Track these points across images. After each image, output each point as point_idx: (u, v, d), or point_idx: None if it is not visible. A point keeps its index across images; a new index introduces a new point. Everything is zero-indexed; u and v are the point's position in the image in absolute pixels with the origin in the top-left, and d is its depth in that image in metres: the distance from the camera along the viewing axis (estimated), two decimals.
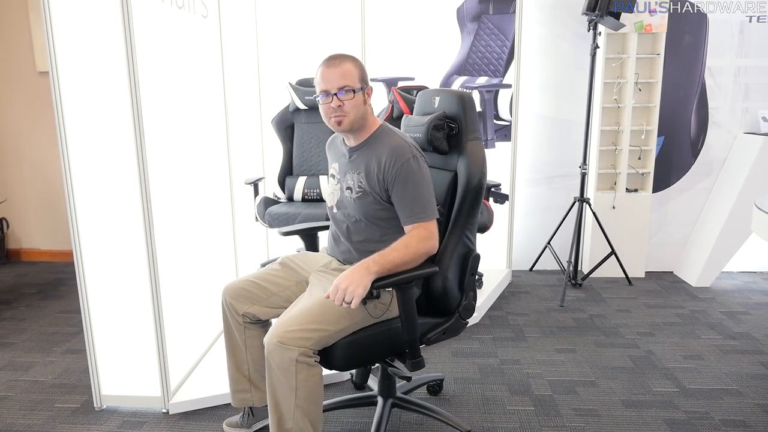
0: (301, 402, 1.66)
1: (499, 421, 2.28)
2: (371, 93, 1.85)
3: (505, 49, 3.88)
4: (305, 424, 1.69)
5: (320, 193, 3.34)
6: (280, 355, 1.62)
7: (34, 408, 2.39)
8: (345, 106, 1.76)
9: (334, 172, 1.97)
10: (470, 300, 1.90)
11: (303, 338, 1.63)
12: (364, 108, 1.82)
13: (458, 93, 1.88)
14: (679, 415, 2.32)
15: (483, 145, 1.87)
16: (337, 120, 1.78)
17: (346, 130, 1.82)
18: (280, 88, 3.57)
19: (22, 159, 4.35)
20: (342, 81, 1.76)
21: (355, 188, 1.84)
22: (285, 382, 1.64)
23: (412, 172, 1.73)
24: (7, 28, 4.14)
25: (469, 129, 1.86)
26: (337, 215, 1.93)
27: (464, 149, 1.86)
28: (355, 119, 1.79)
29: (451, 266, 1.84)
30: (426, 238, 1.73)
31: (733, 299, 3.60)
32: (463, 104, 1.86)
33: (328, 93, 1.77)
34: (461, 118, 1.87)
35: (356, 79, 1.79)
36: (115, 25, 2.01)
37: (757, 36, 3.83)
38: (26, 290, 3.82)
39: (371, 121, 1.86)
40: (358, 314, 1.73)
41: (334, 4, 3.68)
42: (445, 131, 1.89)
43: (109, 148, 2.18)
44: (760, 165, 3.68)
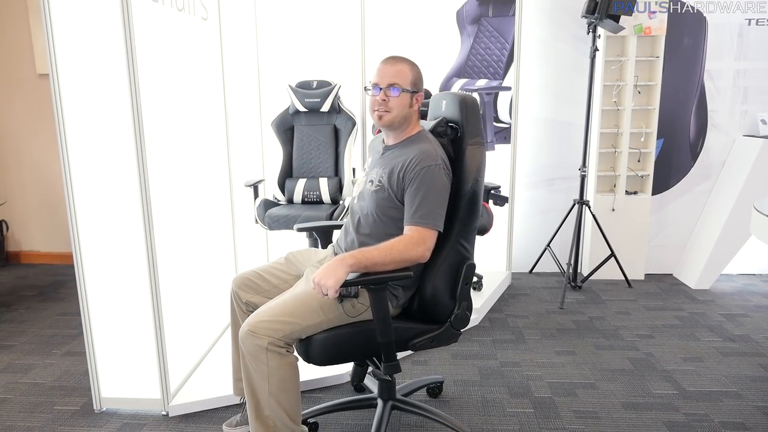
0: (275, 390, 1.69)
1: (498, 423, 2.28)
2: (421, 100, 1.88)
3: (504, 52, 3.89)
4: (281, 412, 1.71)
5: (320, 195, 3.35)
6: (250, 343, 1.67)
7: (33, 410, 2.39)
8: (390, 102, 1.82)
9: (366, 167, 2.03)
10: (464, 310, 1.84)
11: (273, 329, 1.67)
12: (409, 111, 1.85)
13: (460, 96, 1.87)
14: (679, 417, 2.32)
15: (483, 150, 1.84)
16: (379, 114, 1.83)
17: (386, 125, 1.86)
18: (279, 91, 3.58)
19: (22, 161, 4.35)
20: (393, 78, 1.82)
21: (375, 182, 1.87)
22: (257, 369, 1.68)
23: (429, 178, 1.74)
24: (7, 30, 4.14)
25: (469, 133, 1.83)
26: (355, 206, 1.97)
27: (464, 154, 1.84)
28: (396, 117, 1.83)
29: (440, 273, 1.81)
30: (416, 244, 1.71)
31: (732, 302, 3.61)
32: (464, 108, 1.85)
33: (378, 87, 1.83)
34: (462, 122, 1.85)
35: (408, 81, 1.83)
36: (116, 28, 2.01)
37: (756, 39, 3.84)
38: (26, 292, 3.82)
39: (412, 125, 1.90)
40: (332, 311, 1.75)
41: (334, 6, 3.69)
42: (449, 136, 1.88)
43: (109, 150, 2.18)
44: (759, 167, 3.69)
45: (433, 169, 1.75)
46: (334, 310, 1.75)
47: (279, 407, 1.71)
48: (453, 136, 1.87)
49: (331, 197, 3.34)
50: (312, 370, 2.55)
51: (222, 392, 2.41)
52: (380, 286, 1.67)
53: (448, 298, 1.83)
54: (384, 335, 1.73)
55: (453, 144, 1.88)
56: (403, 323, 1.82)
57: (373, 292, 1.68)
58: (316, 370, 2.55)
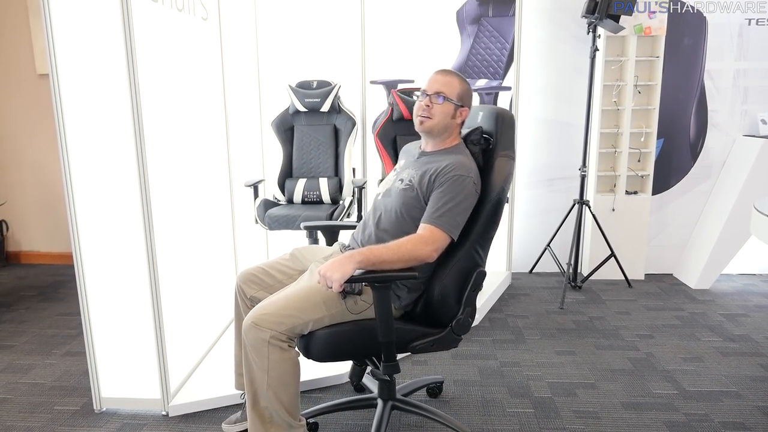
0: (273, 383, 1.70)
1: (498, 423, 2.28)
2: (465, 115, 1.93)
3: (504, 52, 3.89)
4: (278, 405, 1.72)
5: (320, 195, 3.35)
6: (253, 335, 1.68)
7: (33, 410, 2.39)
8: (433, 109, 1.88)
9: (398, 167, 2.06)
10: (467, 316, 1.84)
11: (276, 322, 1.68)
12: (451, 122, 1.90)
13: (498, 110, 1.91)
14: (679, 417, 2.32)
15: (512, 164, 1.87)
16: (420, 119, 1.89)
17: (425, 131, 1.91)
18: (279, 91, 3.58)
19: (22, 161, 4.35)
20: (441, 87, 1.88)
21: (406, 181, 1.90)
22: (258, 362, 1.69)
23: (458, 186, 1.77)
24: (7, 30, 4.14)
25: (501, 145, 1.87)
26: (379, 202, 1.98)
27: (493, 164, 1.87)
28: (437, 125, 1.89)
29: (450, 275, 1.81)
30: (425, 243, 1.72)
31: (732, 301, 3.61)
32: (500, 121, 1.89)
33: (426, 93, 1.90)
34: (496, 135, 1.89)
35: (455, 93, 1.89)
36: (115, 28, 2.01)
37: (756, 39, 3.84)
38: (26, 293, 3.82)
39: (452, 138, 1.94)
40: (335, 307, 1.76)
41: (334, 6, 3.69)
42: (481, 145, 1.92)
43: (109, 150, 2.18)
44: (759, 167, 3.69)
45: (465, 180, 1.78)
46: (336, 306, 1.76)
47: (276, 400, 1.71)
48: (485, 147, 1.92)
49: (331, 197, 3.34)
50: (312, 370, 2.56)
51: (222, 392, 2.41)
52: (385, 284, 1.68)
53: (453, 302, 1.83)
54: (385, 335, 1.73)
55: (484, 154, 1.92)
56: (405, 325, 1.83)
57: (378, 290, 1.68)
58: (316, 370, 2.56)
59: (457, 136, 1.96)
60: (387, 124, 3.38)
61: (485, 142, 1.92)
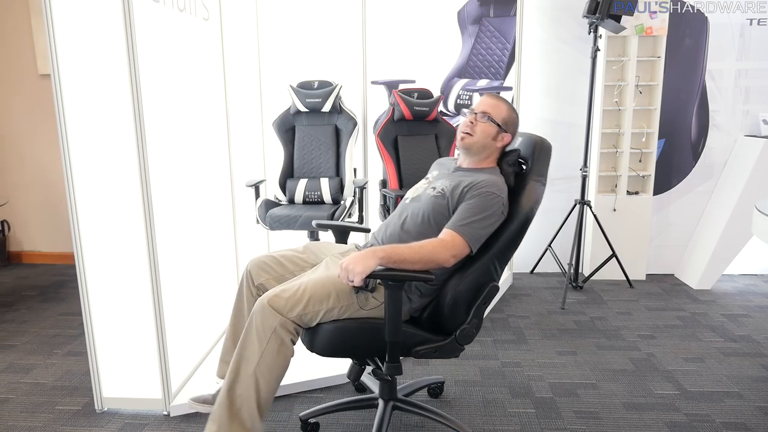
0: (261, 369, 1.70)
1: (500, 424, 2.28)
2: (506, 141, 1.98)
3: (506, 52, 3.89)
4: (253, 394, 1.71)
5: (321, 196, 3.35)
6: (263, 318, 1.69)
7: (35, 410, 2.39)
8: (476, 127, 1.95)
9: (430, 177, 2.10)
10: (472, 327, 1.86)
11: (288, 307, 1.70)
12: (490, 143, 1.96)
13: (536, 138, 1.96)
14: (680, 417, 2.32)
15: (542, 190, 1.91)
16: (462, 135, 1.97)
17: (465, 147, 1.98)
18: (281, 91, 3.58)
19: (24, 161, 4.36)
20: (487, 108, 1.96)
21: (438, 189, 1.94)
22: (256, 344, 1.69)
23: (488, 202, 1.81)
24: (8, 31, 4.15)
25: (534, 171, 1.92)
26: (407, 205, 2.02)
27: (524, 187, 1.91)
28: (476, 143, 1.95)
29: (464, 283, 1.83)
30: (445, 247, 1.75)
31: (733, 302, 3.60)
32: (537, 149, 1.93)
33: (472, 111, 1.98)
34: (532, 160, 1.94)
35: (500, 116, 1.95)
36: (117, 28, 2.02)
37: (758, 39, 3.84)
38: (27, 293, 3.83)
39: (489, 160, 2.00)
40: (346, 299, 1.77)
41: (335, 6, 3.69)
42: (515, 168, 1.97)
43: (110, 150, 2.18)
44: (760, 168, 3.68)
45: (495, 198, 1.82)
46: (347, 299, 1.78)
47: (254, 388, 1.70)
48: (518, 170, 1.97)
49: (332, 197, 3.34)
50: (313, 371, 2.56)
51: None
52: (400, 283, 1.70)
53: (463, 311, 1.85)
54: (392, 334, 1.74)
55: (516, 176, 1.97)
56: (410, 329, 1.84)
57: (391, 289, 1.70)
58: (317, 371, 2.56)
59: (494, 160, 2.01)
60: (388, 124, 3.38)
61: (519, 166, 1.97)
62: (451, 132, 3.50)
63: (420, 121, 3.43)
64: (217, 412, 1.73)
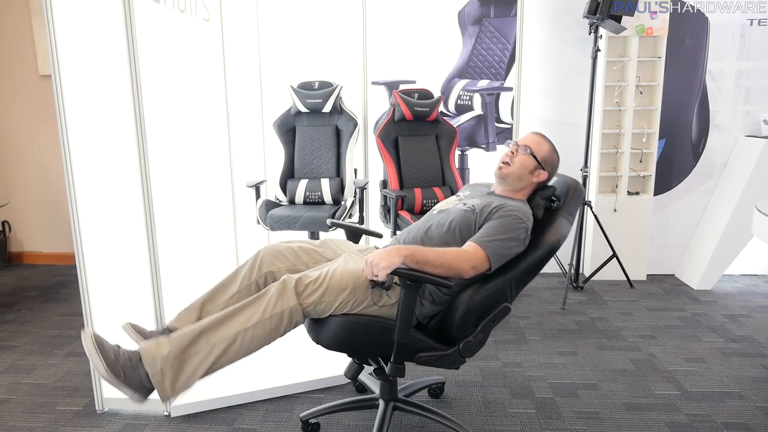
0: (243, 336, 1.68)
1: (500, 424, 2.28)
2: (542, 178, 2.04)
3: (506, 53, 3.89)
4: (219, 351, 1.67)
5: (321, 196, 3.35)
6: (280, 295, 1.71)
7: (35, 411, 2.39)
8: (515, 158, 2.02)
9: (461, 195, 2.16)
10: (477, 341, 1.86)
11: (307, 293, 1.73)
12: (527, 176, 2.02)
13: (571, 181, 2.04)
14: (681, 418, 2.32)
15: (570, 227, 1.97)
16: (500, 164, 2.05)
17: (501, 176, 2.04)
18: (281, 92, 3.58)
19: (25, 162, 4.36)
20: (530, 143, 2.04)
21: (469, 205, 1.99)
22: (259, 313, 1.69)
23: (513, 226, 1.86)
24: (9, 31, 4.15)
25: (565, 209, 1.99)
26: (435, 215, 2.05)
27: (553, 221, 1.97)
28: (513, 173, 2.02)
29: (479, 297, 1.84)
30: (467, 259, 1.77)
31: (734, 302, 3.60)
32: (571, 191, 2.01)
33: (516, 143, 2.06)
34: (564, 200, 2.01)
35: (541, 153, 2.03)
36: (118, 29, 2.02)
37: (758, 39, 3.84)
38: (28, 293, 3.83)
39: (521, 192, 2.05)
40: (361, 294, 1.79)
41: (335, 7, 3.70)
42: (547, 203, 2.03)
43: (111, 151, 2.18)
44: (761, 168, 3.68)
45: (521, 224, 1.87)
46: (363, 294, 1.79)
47: (224, 347, 1.67)
48: (549, 206, 2.03)
49: (332, 198, 3.34)
50: (314, 371, 2.56)
51: (224, 393, 2.41)
52: (418, 283, 1.71)
53: (472, 323, 1.85)
54: (402, 334, 1.75)
55: (546, 211, 2.02)
56: (417, 333, 1.85)
57: (408, 289, 1.71)
58: (317, 371, 2.56)
59: (526, 195, 2.05)
60: (389, 124, 3.39)
61: (551, 202, 2.03)
62: (452, 132, 3.50)
63: (420, 122, 3.43)
64: (174, 341, 1.66)
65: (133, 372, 1.62)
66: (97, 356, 1.60)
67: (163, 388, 1.64)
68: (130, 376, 1.62)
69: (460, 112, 3.99)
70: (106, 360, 1.60)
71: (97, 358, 1.60)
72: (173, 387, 1.65)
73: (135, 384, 1.62)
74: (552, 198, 2.03)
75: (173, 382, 1.65)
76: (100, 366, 1.59)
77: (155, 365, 1.63)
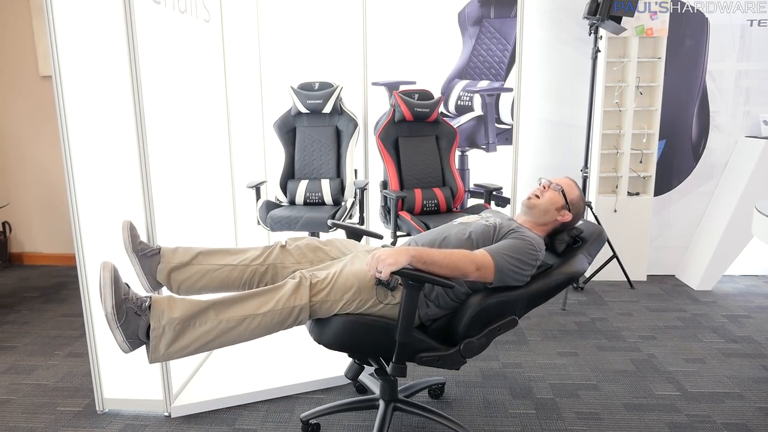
0: (249, 322, 1.70)
1: (500, 425, 2.28)
2: (565, 219, 2.08)
3: (506, 53, 3.90)
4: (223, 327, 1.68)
5: (321, 197, 3.35)
6: (295, 291, 1.73)
7: (36, 411, 2.39)
8: (544, 193, 2.08)
9: (483, 215, 2.20)
10: (479, 344, 1.87)
11: (315, 291, 1.75)
12: (552, 213, 2.06)
13: (597, 228, 2.13)
14: (681, 418, 2.32)
15: (587, 266, 2.02)
16: (530, 196, 2.10)
17: (529, 207, 2.09)
18: (281, 92, 3.59)
19: (25, 163, 4.37)
20: (562, 184, 2.10)
21: (490, 222, 2.04)
22: (271, 304, 1.72)
23: (526, 249, 1.88)
24: (10, 32, 4.16)
25: (586, 249, 2.06)
26: (455, 225, 2.09)
27: (575, 255, 2.04)
28: (540, 207, 2.06)
29: (492, 303, 1.85)
30: (473, 262, 1.78)
31: (734, 303, 3.60)
32: (595, 235, 2.10)
33: (549, 180, 2.13)
34: (587, 242, 2.09)
35: (571, 196, 2.09)
36: (118, 30, 2.02)
37: (758, 40, 3.84)
38: (28, 294, 3.83)
39: (542, 228, 2.09)
40: (366, 293, 1.80)
41: (336, 8, 3.70)
42: (571, 240, 2.09)
43: (112, 152, 2.19)
44: (761, 168, 3.68)
45: (533, 252, 1.88)
46: (368, 293, 1.80)
47: (230, 325, 1.68)
48: (571, 242, 2.09)
49: (333, 198, 3.34)
50: (314, 371, 2.56)
51: (225, 393, 2.41)
52: (420, 284, 1.72)
53: (479, 326, 1.86)
54: (404, 334, 1.76)
55: (566, 247, 2.08)
56: (419, 334, 1.85)
57: (410, 289, 1.71)
58: (318, 371, 2.56)
59: (546, 231, 2.09)
60: (389, 125, 3.39)
61: (575, 241, 2.10)
62: (452, 133, 3.50)
63: (421, 123, 3.43)
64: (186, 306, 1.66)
65: (135, 318, 1.62)
66: (110, 289, 1.59)
67: (157, 348, 1.64)
68: (130, 321, 1.61)
69: (461, 112, 3.99)
70: (116, 296, 1.60)
71: (109, 291, 1.59)
72: (167, 350, 1.65)
73: (130, 332, 1.61)
74: (576, 237, 2.10)
75: (169, 344, 1.64)
76: (108, 300, 1.58)
77: (160, 321, 1.63)
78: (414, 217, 3.21)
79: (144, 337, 1.64)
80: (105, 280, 1.60)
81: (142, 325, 1.62)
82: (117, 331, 1.59)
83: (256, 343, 2.91)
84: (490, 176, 3.91)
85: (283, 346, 2.84)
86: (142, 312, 1.63)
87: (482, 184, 3.41)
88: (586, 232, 2.14)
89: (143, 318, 1.63)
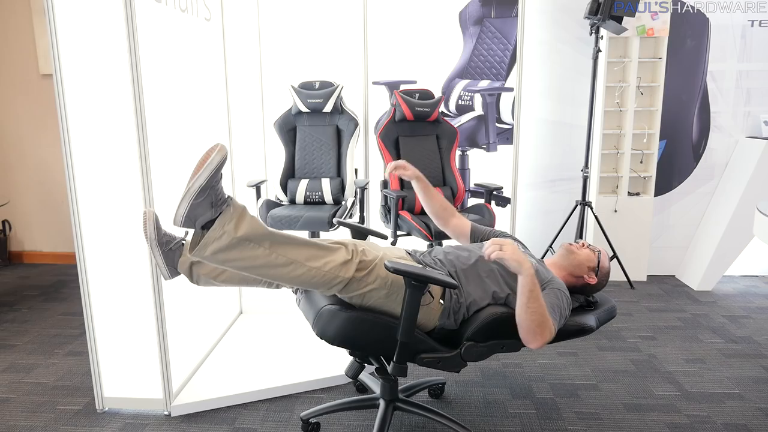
0: (294, 268, 1.71)
1: (500, 425, 2.28)
2: (590, 282, 2.13)
3: (507, 53, 3.89)
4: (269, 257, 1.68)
5: (322, 196, 3.35)
6: (345, 265, 1.76)
7: (36, 410, 2.39)
8: (584, 249, 2.18)
9: None
10: (481, 351, 1.87)
11: (361, 268, 1.78)
12: (584, 269, 2.12)
13: (611, 302, 2.20)
14: (681, 418, 2.32)
15: (593, 330, 2.04)
16: (570, 246, 2.19)
17: (570, 251, 2.16)
18: (282, 91, 3.58)
19: (26, 161, 4.36)
20: (601, 253, 2.19)
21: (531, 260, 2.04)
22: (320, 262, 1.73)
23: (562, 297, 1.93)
24: (10, 31, 4.15)
25: (596, 313, 2.10)
26: (474, 245, 2.12)
27: (585, 314, 2.08)
28: (577, 258, 2.14)
29: (504, 317, 1.87)
30: (546, 326, 1.79)
31: (735, 303, 3.60)
32: (608, 306, 2.17)
33: (590, 244, 2.26)
34: (598, 308, 2.15)
35: (603, 263, 2.16)
36: (119, 28, 2.02)
37: (759, 40, 3.84)
38: (28, 292, 3.83)
39: (569, 279, 2.13)
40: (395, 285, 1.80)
41: (337, 7, 3.69)
42: (585, 302, 2.16)
43: (112, 150, 2.18)
44: (761, 169, 3.68)
45: (569, 304, 1.95)
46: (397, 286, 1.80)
47: (265, 253, 1.68)
48: (584, 304, 2.15)
49: (333, 198, 3.34)
50: (314, 371, 2.56)
51: (225, 392, 2.41)
52: (423, 284, 1.72)
53: (485, 336, 1.87)
54: (405, 334, 1.76)
55: (580, 307, 2.13)
56: (421, 335, 1.85)
57: (412, 288, 1.72)
58: (318, 371, 2.56)
59: (566, 278, 2.12)
60: (389, 124, 3.39)
61: (589, 304, 2.15)
62: (453, 133, 3.50)
63: (421, 122, 3.43)
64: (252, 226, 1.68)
65: (207, 207, 1.61)
66: (210, 172, 1.61)
67: (206, 246, 1.62)
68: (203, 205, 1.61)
69: (461, 112, 3.99)
70: (211, 179, 1.61)
71: (209, 172, 1.61)
72: (214, 254, 1.64)
73: (194, 214, 1.61)
74: (590, 302, 2.16)
75: (218, 251, 1.63)
76: (204, 176, 1.60)
77: (224, 226, 1.62)
78: (414, 216, 3.21)
79: (199, 227, 1.63)
80: (213, 162, 1.63)
81: (207, 216, 1.62)
82: (183, 202, 1.59)
83: (255, 342, 2.92)
84: (491, 176, 3.91)
85: (283, 346, 2.84)
86: (218, 206, 1.63)
87: (483, 184, 3.41)
88: (599, 300, 2.21)
89: (213, 211, 1.63)
